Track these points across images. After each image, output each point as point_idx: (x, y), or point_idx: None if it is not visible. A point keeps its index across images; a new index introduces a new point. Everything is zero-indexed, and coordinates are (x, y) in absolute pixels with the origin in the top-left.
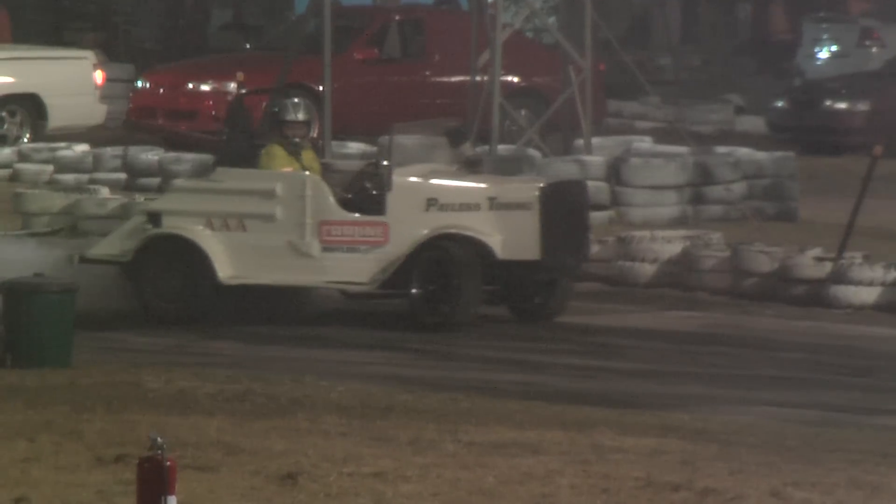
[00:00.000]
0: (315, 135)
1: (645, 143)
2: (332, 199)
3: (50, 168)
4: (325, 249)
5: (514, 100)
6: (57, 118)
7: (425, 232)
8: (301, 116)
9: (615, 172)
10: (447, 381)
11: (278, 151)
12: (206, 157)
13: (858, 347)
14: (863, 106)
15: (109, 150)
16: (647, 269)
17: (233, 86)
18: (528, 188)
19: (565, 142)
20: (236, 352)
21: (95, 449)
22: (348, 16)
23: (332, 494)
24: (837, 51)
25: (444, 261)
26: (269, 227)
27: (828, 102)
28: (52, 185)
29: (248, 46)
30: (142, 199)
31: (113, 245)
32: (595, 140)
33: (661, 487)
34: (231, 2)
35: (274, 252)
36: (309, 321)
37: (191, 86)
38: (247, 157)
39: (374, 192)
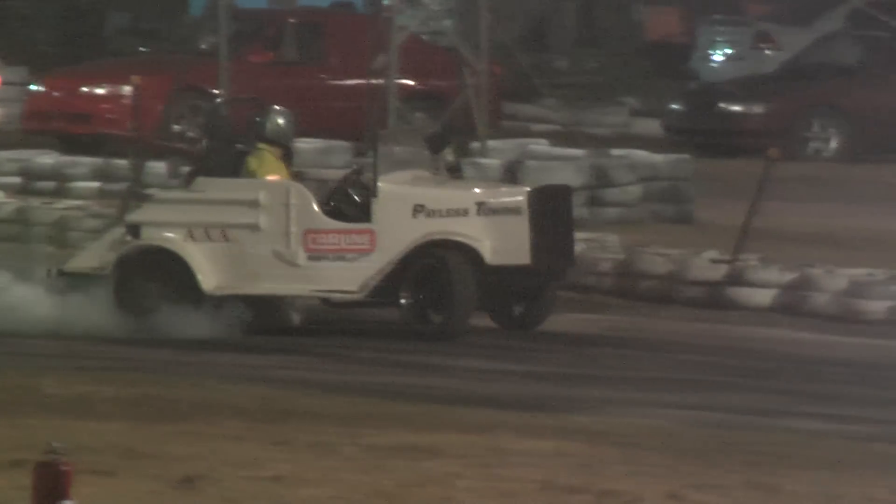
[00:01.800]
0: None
1: (541, 145)
2: (316, 208)
3: None
4: (311, 258)
5: (411, 103)
6: None
7: (413, 239)
8: (290, 124)
9: (511, 175)
10: (347, 384)
11: (270, 157)
12: (102, 162)
13: (755, 349)
14: (758, 108)
15: (4, 154)
16: None
17: (128, 89)
18: (516, 193)
19: (461, 145)
20: (136, 356)
21: None
22: (245, 18)
23: (231, 499)
24: (732, 53)
25: (436, 268)
26: (253, 236)
27: (723, 105)
28: None
29: (141, 49)
30: (38, 203)
31: (92, 258)
32: (491, 143)
33: (561, 490)
34: (127, 5)
35: (259, 262)
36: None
37: (86, 89)
38: (228, 165)
39: (359, 200)
